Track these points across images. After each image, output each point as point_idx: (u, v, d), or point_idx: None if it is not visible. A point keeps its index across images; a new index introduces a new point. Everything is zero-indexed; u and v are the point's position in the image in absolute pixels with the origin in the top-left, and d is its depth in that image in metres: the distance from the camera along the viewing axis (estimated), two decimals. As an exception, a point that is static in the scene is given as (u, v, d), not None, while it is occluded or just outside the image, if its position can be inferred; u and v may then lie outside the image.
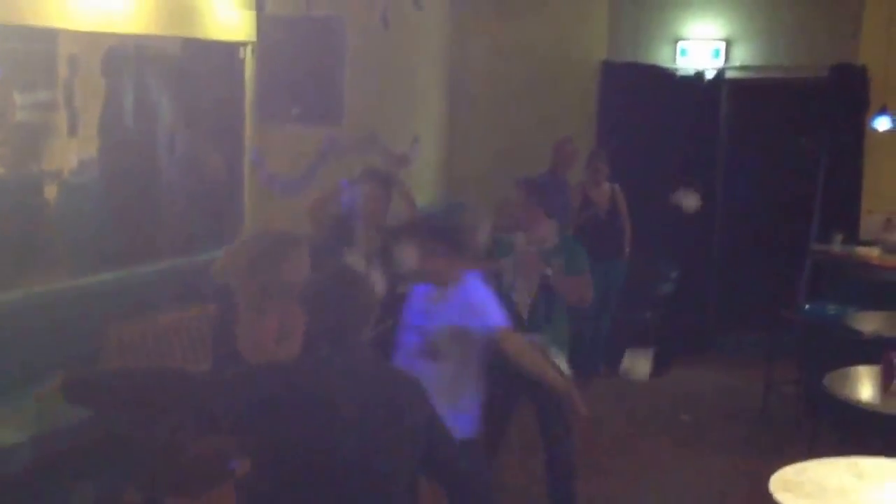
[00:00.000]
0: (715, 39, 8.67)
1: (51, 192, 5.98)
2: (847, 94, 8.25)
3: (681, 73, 8.76)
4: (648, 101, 8.56)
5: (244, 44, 6.43)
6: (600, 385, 7.51)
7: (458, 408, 3.91)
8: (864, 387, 5.02)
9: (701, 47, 8.70)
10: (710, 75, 8.68)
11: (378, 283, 4.36)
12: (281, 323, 3.50)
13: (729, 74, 8.68)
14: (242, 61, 6.46)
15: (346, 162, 7.56)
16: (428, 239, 4.15)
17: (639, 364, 7.84)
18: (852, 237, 8.00)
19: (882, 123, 7.88)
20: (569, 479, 5.05)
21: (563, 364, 4.65)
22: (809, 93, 8.46)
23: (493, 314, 4.11)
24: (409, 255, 4.17)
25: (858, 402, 4.86)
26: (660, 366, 7.98)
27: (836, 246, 7.81)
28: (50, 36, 5.45)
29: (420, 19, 7.68)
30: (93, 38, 5.61)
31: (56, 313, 5.02)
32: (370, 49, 7.45)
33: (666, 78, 8.75)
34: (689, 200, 7.62)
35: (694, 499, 5.80)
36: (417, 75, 8.86)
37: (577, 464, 5.10)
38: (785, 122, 8.76)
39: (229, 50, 6.41)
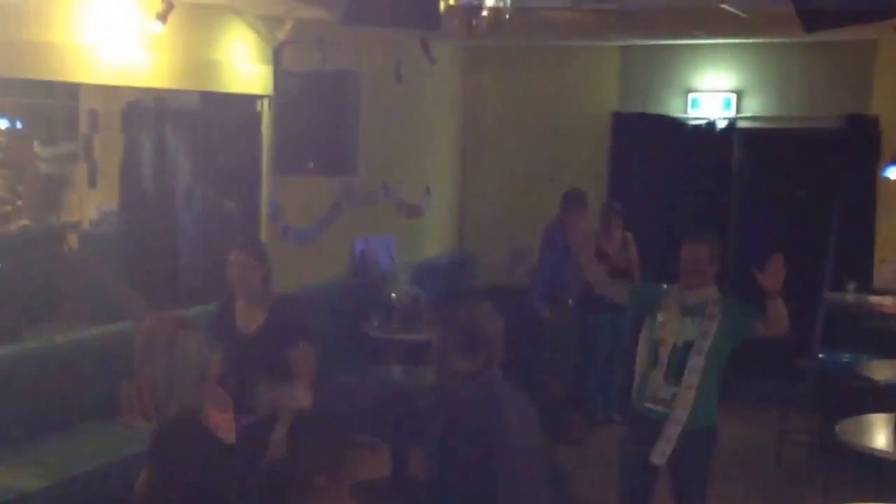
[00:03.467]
0: (726, 91, 8.75)
1: (71, 242, 6.06)
2: (859, 143, 8.26)
3: (692, 123, 8.83)
4: (660, 151, 8.59)
5: (261, 97, 6.54)
6: (614, 431, 7.47)
7: None
8: (879, 435, 5.00)
9: (712, 98, 8.76)
10: (721, 125, 8.75)
11: None
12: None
13: (740, 124, 8.73)
14: (260, 114, 6.57)
15: (360, 212, 7.68)
16: None
17: None
18: (865, 286, 7.97)
19: (894, 173, 7.89)
20: None
21: None
22: (821, 143, 8.46)
23: None
24: None
25: (873, 450, 4.85)
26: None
27: (850, 295, 7.79)
28: (72, 90, 5.57)
29: (433, 72, 7.80)
30: (113, 92, 5.72)
31: (75, 362, 5.07)
32: (384, 102, 7.57)
33: (677, 128, 8.80)
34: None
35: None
36: (430, 127, 8.97)
37: None
38: (797, 172, 8.78)
39: (247, 103, 6.52)
